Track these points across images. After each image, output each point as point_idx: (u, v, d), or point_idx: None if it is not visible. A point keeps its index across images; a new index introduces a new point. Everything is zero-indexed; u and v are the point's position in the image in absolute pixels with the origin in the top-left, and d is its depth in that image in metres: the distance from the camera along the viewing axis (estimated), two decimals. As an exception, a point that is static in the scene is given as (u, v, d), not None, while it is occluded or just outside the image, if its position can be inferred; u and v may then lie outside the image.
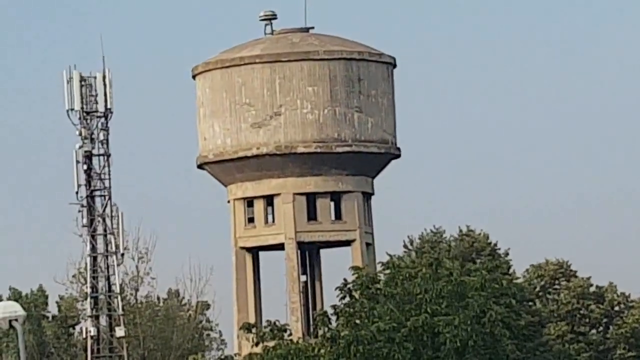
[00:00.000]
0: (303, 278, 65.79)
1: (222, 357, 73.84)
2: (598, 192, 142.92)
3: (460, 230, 72.99)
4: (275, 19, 65.83)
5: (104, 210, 51.29)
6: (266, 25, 65.20)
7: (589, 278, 77.69)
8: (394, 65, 67.92)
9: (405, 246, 71.60)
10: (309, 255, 67.86)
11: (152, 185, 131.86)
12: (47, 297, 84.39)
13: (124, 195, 67.57)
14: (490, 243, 73.87)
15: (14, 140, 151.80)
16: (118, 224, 53.76)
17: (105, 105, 54.18)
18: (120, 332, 51.52)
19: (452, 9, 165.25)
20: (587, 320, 75.61)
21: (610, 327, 76.13)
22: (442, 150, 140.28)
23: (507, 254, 72.49)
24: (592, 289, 77.77)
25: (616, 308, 77.96)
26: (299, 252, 64.55)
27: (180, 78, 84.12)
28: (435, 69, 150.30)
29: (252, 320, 57.09)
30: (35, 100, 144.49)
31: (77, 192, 51.61)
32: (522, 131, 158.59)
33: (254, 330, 44.99)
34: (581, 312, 75.17)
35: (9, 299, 73.24)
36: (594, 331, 76.49)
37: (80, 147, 53.33)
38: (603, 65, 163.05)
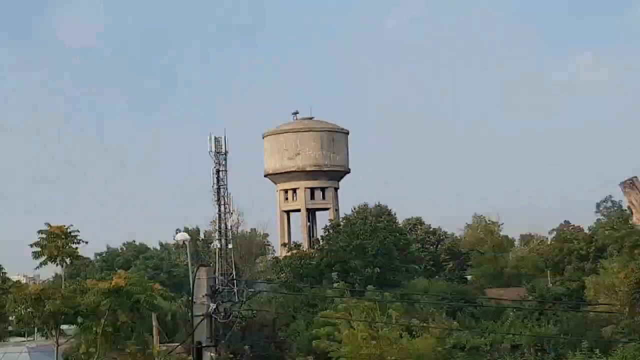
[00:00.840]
0: (308, 224, 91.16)
1: (273, 257, 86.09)
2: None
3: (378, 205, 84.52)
4: (298, 113, 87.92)
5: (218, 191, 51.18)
6: (292, 114, 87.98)
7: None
8: (347, 133, 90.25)
9: (353, 212, 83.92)
10: (311, 215, 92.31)
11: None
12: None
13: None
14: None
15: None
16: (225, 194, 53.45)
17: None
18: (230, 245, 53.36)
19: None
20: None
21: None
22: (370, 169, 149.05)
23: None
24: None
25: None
26: (306, 213, 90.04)
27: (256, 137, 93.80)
28: (368, 135, 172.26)
29: (286, 241, 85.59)
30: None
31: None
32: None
33: (286, 246, 77.81)
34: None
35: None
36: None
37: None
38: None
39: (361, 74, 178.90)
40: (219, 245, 43.58)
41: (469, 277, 78.37)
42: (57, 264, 29.60)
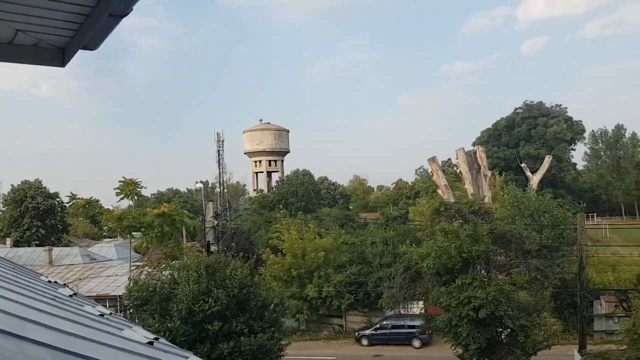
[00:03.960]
0: (267, 179, 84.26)
1: (249, 197, 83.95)
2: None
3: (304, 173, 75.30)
4: (262, 120, 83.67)
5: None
6: (259, 120, 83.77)
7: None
8: (288, 131, 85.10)
9: (291, 173, 74.78)
10: (269, 175, 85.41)
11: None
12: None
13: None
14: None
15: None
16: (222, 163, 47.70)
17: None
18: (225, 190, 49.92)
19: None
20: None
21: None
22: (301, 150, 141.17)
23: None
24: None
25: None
26: (267, 174, 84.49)
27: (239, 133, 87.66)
28: (299, 132, 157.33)
29: (256, 188, 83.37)
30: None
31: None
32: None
33: (256, 191, 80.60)
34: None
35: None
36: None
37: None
38: None
39: (298, 95, 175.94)
40: (219, 190, 43.75)
41: (350, 207, 77.48)
42: (129, 199, 30.13)
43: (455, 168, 58.59)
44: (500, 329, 15.97)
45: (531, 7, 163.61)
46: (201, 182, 57.45)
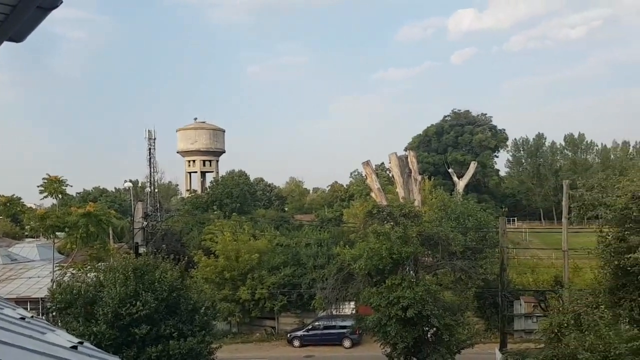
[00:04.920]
0: (202, 180, 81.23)
1: (181, 197, 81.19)
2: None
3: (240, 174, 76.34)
4: (197, 118, 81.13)
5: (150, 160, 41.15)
6: (194, 119, 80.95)
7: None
8: (224, 131, 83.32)
9: (226, 174, 72.49)
10: (203, 175, 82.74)
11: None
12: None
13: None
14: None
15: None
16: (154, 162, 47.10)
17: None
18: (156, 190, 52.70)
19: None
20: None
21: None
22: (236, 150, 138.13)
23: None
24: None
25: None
26: (201, 174, 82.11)
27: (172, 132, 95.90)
28: (235, 132, 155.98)
29: (189, 188, 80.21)
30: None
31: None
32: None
33: (189, 191, 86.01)
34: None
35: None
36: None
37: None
38: None
39: (235, 95, 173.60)
40: (149, 190, 42.51)
41: (286, 209, 77.13)
42: (53, 198, 28.80)
43: (388, 172, 59.79)
44: (427, 328, 16.49)
45: (461, 19, 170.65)
46: (130, 181, 55.23)
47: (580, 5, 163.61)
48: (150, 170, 44.25)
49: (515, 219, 73.52)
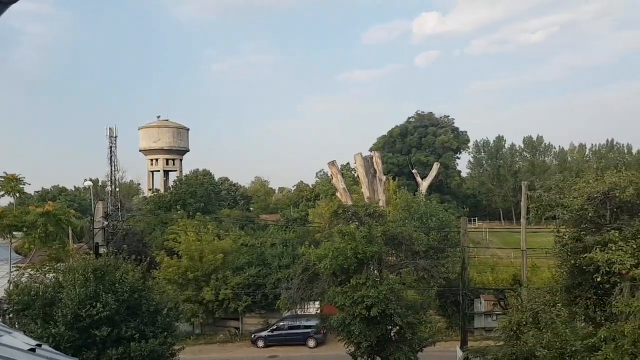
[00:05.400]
0: (165, 179, 79.70)
1: (143, 196, 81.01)
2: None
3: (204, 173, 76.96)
4: (159, 116, 79.46)
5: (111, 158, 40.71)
6: (157, 117, 79.39)
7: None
8: (188, 129, 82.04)
9: (190, 173, 73.52)
10: (166, 174, 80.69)
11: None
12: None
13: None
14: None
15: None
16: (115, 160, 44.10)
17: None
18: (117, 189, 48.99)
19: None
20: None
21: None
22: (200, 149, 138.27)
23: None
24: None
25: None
26: (164, 173, 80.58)
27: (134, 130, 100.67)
28: (200, 130, 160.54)
29: (151, 187, 79.11)
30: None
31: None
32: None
33: (151, 190, 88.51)
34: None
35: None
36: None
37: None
38: None
39: (199, 94, 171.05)
40: (110, 189, 41.58)
41: (251, 208, 76.52)
42: (10, 196, 27.99)
43: (353, 172, 60.22)
44: (390, 327, 16.64)
45: (425, 22, 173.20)
46: (91, 179, 54.01)
47: (540, 10, 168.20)
48: (111, 169, 43.31)
49: (476, 218, 75.15)
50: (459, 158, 77.55)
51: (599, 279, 10.97)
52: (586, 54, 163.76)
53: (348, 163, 69.48)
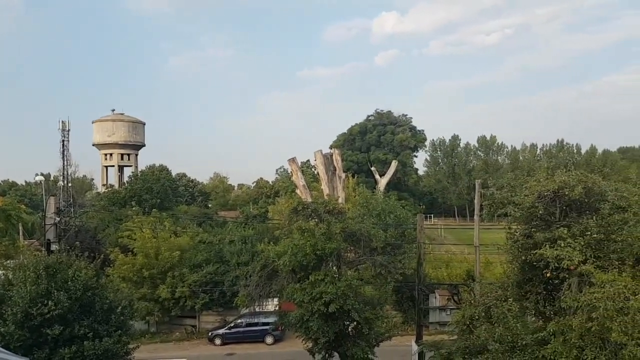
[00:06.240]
0: (119, 174, 79.62)
1: (97, 192, 76.90)
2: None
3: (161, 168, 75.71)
4: (114, 110, 79.12)
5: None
6: (111, 110, 78.75)
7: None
8: (144, 123, 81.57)
9: (146, 168, 68.77)
10: (121, 169, 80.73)
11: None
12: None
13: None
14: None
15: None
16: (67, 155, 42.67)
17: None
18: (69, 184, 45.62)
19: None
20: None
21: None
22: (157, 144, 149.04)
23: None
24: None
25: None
26: (118, 168, 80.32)
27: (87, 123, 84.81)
28: (156, 126, 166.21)
29: (105, 183, 77.08)
30: None
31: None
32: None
33: (106, 186, 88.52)
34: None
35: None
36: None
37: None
38: None
39: (156, 88, 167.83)
40: (62, 184, 40.25)
41: (210, 205, 75.56)
42: None
43: (313, 169, 60.31)
44: (348, 322, 16.77)
45: (385, 22, 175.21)
46: (42, 174, 52.03)
47: (495, 12, 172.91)
48: (64, 163, 41.93)
49: (432, 215, 76.70)
50: (416, 156, 78.94)
51: (548, 275, 11.32)
52: (538, 56, 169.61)
53: (308, 160, 69.67)
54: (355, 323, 16.72)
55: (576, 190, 11.50)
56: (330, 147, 61.88)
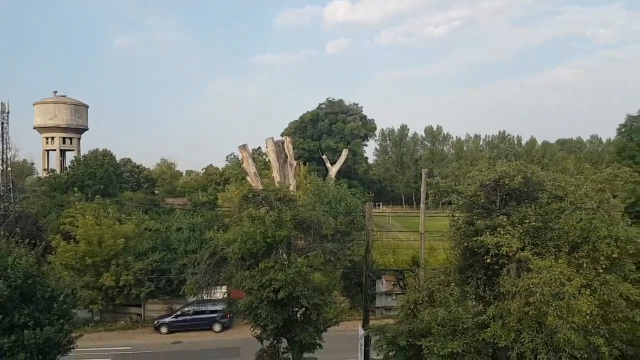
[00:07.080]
0: (61, 158, 75.56)
1: (38, 177, 76.94)
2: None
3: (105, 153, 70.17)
4: (56, 92, 75.18)
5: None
6: (53, 92, 74.84)
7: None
8: (88, 106, 77.44)
9: (89, 153, 67.33)
10: (63, 153, 76.95)
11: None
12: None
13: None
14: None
15: None
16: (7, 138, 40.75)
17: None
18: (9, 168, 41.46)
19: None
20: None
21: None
22: (101, 128, 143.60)
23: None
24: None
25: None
26: (60, 152, 76.06)
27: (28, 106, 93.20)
28: (99, 108, 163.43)
29: (46, 167, 72.24)
30: None
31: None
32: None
33: (46, 170, 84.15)
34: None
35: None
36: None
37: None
38: None
39: (100, 71, 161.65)
40: (1, 168, 38.49)
41: (156, 192, 73.75)
42: None
43: (264, 156, 59.96)
44: (296, 309, 16.91)
45: (337, 9, 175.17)
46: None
47: (444, 5, 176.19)
48: (3, 147, 40.16)
49: (381, 203, 78.08)
50: (366, 145, 79.85)
51: (488, 261, 11.79)
52: (484, 50, 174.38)
53: (259, 147, 69.17)
54: (304, 309, 16.88)
55: (516, 179, 11.98)
56: (282, 135, 61.78)
